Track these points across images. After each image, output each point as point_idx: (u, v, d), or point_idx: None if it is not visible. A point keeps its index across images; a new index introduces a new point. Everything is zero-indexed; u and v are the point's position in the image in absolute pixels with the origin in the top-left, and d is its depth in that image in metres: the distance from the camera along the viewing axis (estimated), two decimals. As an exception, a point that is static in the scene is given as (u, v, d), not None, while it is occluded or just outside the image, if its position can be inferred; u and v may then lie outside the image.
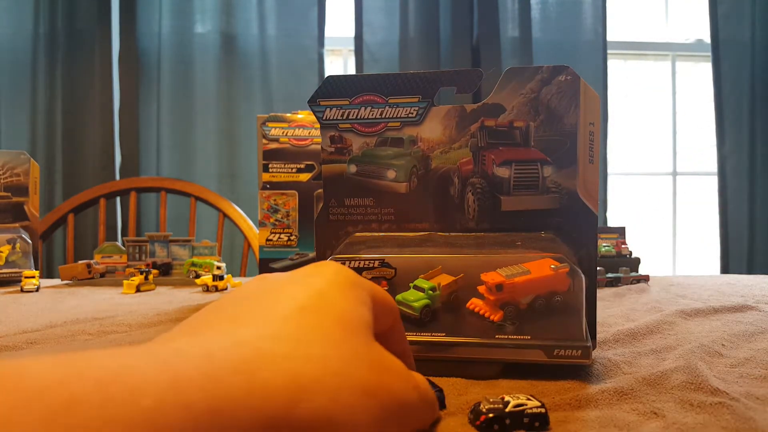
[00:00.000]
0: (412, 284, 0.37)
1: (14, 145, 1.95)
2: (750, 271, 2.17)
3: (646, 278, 0.85)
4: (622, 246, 0.93)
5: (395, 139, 0.40)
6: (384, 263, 0.38)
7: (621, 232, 0.96)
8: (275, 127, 0.78)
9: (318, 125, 0.41)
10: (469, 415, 0.27)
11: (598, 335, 0.47)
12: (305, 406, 0.17)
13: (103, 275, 0.93)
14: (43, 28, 2.00)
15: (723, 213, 2.19)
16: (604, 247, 0.93)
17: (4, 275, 0.89)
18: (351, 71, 2.20)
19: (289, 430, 0.17)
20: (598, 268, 0.83)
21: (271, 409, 0.17)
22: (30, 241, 0.93)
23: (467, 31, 2.09)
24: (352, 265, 0.38)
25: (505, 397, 0.26)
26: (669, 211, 2.42)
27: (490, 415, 0.25)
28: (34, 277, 0.84)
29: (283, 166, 0.78)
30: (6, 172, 0.94)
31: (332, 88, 0.40)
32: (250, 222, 1.38)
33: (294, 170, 0.78)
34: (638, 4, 2.41)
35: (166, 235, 0.95)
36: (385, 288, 0.37)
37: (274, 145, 0.78)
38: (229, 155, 2.03)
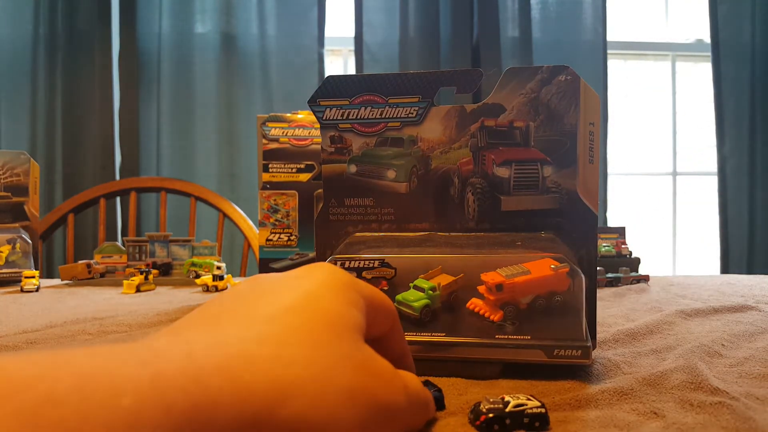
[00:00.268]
0: (412, 284, 0.37)
1: (14, 145, 1.95)
2: (750, 271, 2.17)
3: (646, 278, 0.85)
4: (622, 246, 0.93)
5: (395, 139, 0.40)
6: (384, 263, 0.38)
7: (621, 232, 0.96)
8: (275, 127, 0.78)
9: (318, 125, 0.41)
10: (469, 415, 0.27)
11: (598, 335, 0.47)
12: (286, 409, 0.17)
13: (103, 275, 0.93)
14: (43, 29, 2.00)
15: (723, 213, 2.19)
16: (604, 247, 0.93)
17: (4, 275, 0.89)
18: (351, 71, 2.20)
19: (269, 431, 0.17)
20: (598, 268, 0.83)
21: (251, 410, 0.17)
22: (30, 241, 0.93)
23: (467, 31, 2.09)
24: (352, 265, 0.38)
25: (505, 397, 0.26)
26: (669, 211, 2.42)
27: (490, 415, 0.25)
28: (34, 277, 0.84)
29: (283, 166, 0.78)
30: (6, 172, 0.94)
31: (332, 88, 0.40)
32: (250, 222, 1.37)
33: (294, 170, 0.78)
34: (638, 4, 2.41)
35: (166, 235, 0.95)
36: (385, 288, 0.37)
37: (274, 145, 0.78)
38: (229, 155, 2.03)
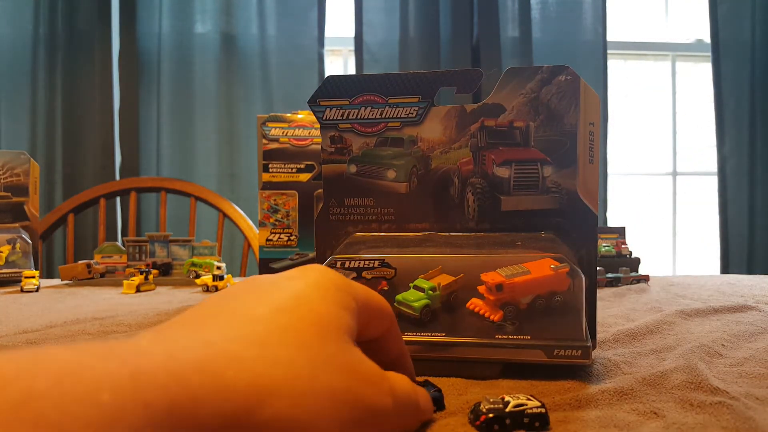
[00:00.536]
0: (412, 284, 0.37)
1: (14, 145, 1.95)
2: (750, 271, 2.17)
3: (646, 278, 0.85)
4: (622, 246, 0.93)
5: (395, 139, 0.40)
6: (384, 263, 0.38)
7: (621, 232, 0.96)
8: (275, 127, 0.78)
9: (318, 125, 0.41)
10: (469, 415, 0.27)
11: (598, 335, 0.47)
12: (268, 408, 0.17)
13: (103, 275, 0.93)
14: (43, 29, 2.00)
15: (723, 213, 2.19)
16: (604, 247, 0.93)
17: (4, 275, 0.89)
18: (351, 71, 2.20)
19: (249, 430, 0.17)
20: (598, 268, 0.83)
21: (232, 408, 0.17)
22: (30, 241, 0.93)
23: (467, 31, 2.09)
24: (352, 265, 0.38)
25: (505, 397, 0.26)
26: (669, 211, 2.42)
27: (490, 415, 0.25)
28: (34, 277, 0.84)
29: (283, 166, 0.78)
30: (6, 172, 0.94)
31: (332, 88, 0.40)
32: (250, 222, 1.37)
33: (294, 170, 0.78)
34: (638, 4, 2.41)
35: (166, 235, 0.95)
36: (385, 288, 0.37)
37: (274, 145, 0.78)
38: (229, 155, 2.03)
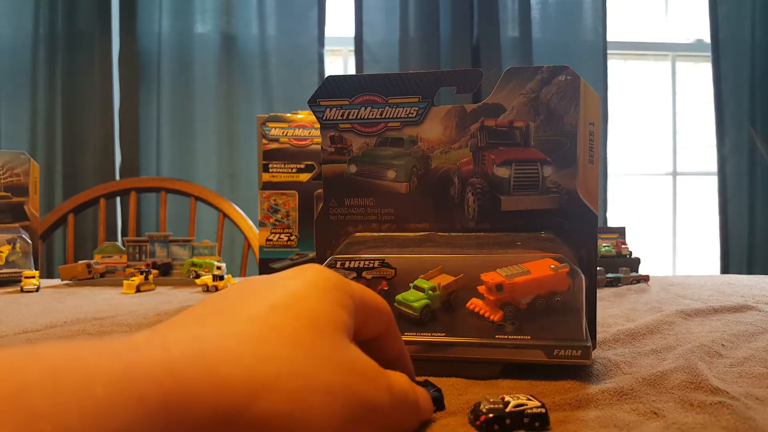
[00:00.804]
0: (412, 284, 0.37)
1: (14, 145, 1.95)
2: (750, 271, 2.17)
3: (646, 278, 0.85)
4: (622, 246, 0.93)
5: (395, 139, 0.40)
6: (384, 263, 0.38)
7: (621, 232, 0.96)
8: (275, 127, 0.78)
9: (318, 125, 0.41)
10: (469, 415, 0.27)
11: (598, 335, 0.47)
12: (262, 403, 0.17)
13: (103, 275, 0.93)
14: (43, 29, 2.00)
15: (723, 213, 2.19)
16: (604, 247, 0.93)
17: (4, 275, 0.89)
18: (351, 71, 2.20)
19: (243, 425, 0.17)
20: (598, 268, 0.83)
21: (227, 403, 0.17)
22: (30, 241, 0.93)
23: (467, 31, 2.09)
24: (352, 265, 0.38)
25: (505, 397, 0.26)
26: (669, 211, 2.42)
27: (491, 415, 0.25)
28: (34, 277, 0.84)
29: (283, 166, 0.78)
30: (6, 172, 0.94)
31: (332, 88, 0.40)
32: (250, 222, 1.37)
33: (294, 170, 0.78)
34: (638, 4, 2.41)
35: (166, 235, 0.95)
36: (385, 288, 0.37)
37: (274, 145, 0.78)
38: (229, 155, 2.03)
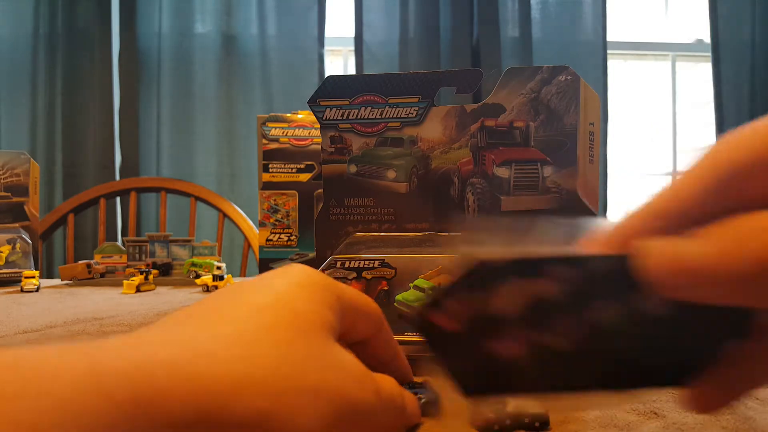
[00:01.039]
0: (412, 284, 0.37)
1: (14, 145, 1.95)
2: (750, 271, 2.17)
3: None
4: (622, 246, 0.93)
5: (395, 139, 0.40)
6: (384, 263, 0.38)
7: (621, 232, 0.96)
8: (275, 127, 0.78)
9: (318, 125, 0.41)
10: (470, 415, 0.27)
11: (598, 335, 0.47)
12: (241, 404, 0.17)
13: (103, 275, 0.93)
14: (43, 28, 2.00)
15: (723, 213, 2.19)
16: (604, 247, 0.93)
17: (4, 275, 0.89)
18: (351, 71, 2.20)
19: (222, 426, 0.17)
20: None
21: (202, 403, 0.16)
22: (30, 241, 0.93)
23: (467, 31, 2.09)
24: (352, 265, 0.38)
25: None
26: (669, 211, 2.42)
27: (491, 415, 0.25)
28: (34, 277, 0.84)
29: (283, 166, 0.78)
30: (6, 172, 0.94)
31: (332, 88, 0.40)
32: (250, 222, 1.37)
33: (294, 170, 0.78)
34: (638, 4, 2.41)
35: (166, 235, 0.95)
36: (385, 288, 0.37)
37: (274, 145, 0.78)
38: (229, 155, 2.03)
